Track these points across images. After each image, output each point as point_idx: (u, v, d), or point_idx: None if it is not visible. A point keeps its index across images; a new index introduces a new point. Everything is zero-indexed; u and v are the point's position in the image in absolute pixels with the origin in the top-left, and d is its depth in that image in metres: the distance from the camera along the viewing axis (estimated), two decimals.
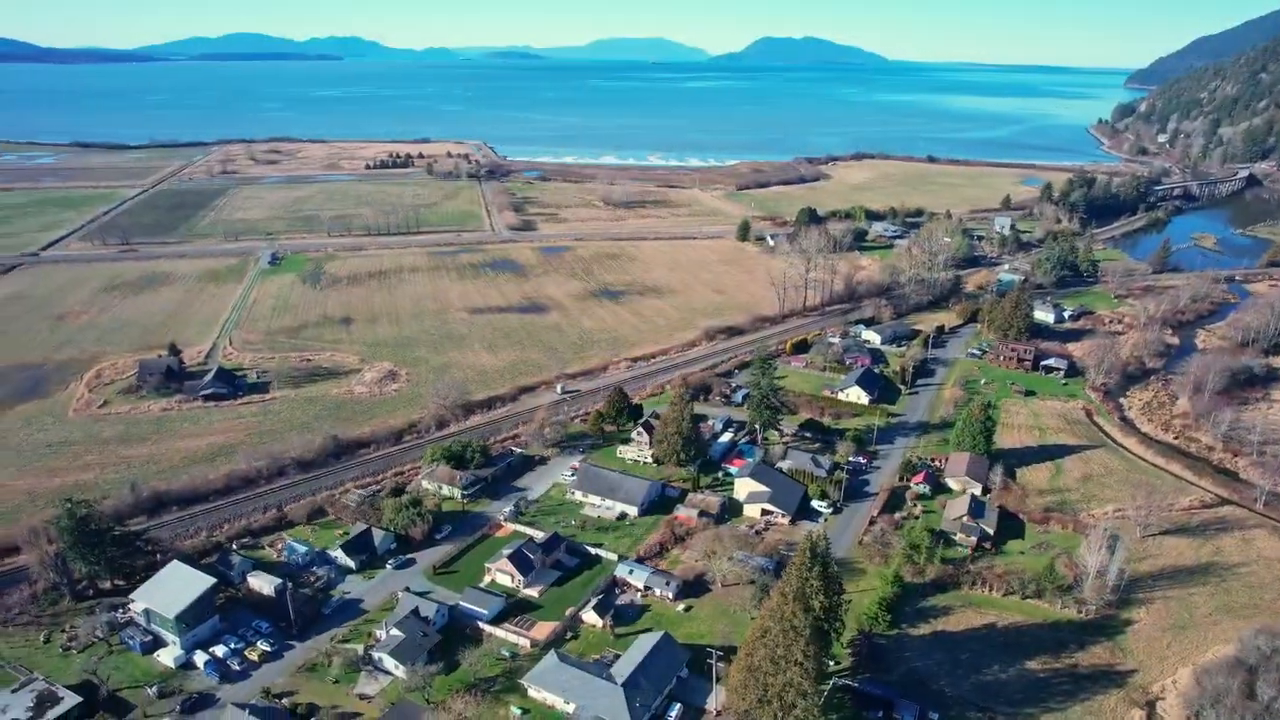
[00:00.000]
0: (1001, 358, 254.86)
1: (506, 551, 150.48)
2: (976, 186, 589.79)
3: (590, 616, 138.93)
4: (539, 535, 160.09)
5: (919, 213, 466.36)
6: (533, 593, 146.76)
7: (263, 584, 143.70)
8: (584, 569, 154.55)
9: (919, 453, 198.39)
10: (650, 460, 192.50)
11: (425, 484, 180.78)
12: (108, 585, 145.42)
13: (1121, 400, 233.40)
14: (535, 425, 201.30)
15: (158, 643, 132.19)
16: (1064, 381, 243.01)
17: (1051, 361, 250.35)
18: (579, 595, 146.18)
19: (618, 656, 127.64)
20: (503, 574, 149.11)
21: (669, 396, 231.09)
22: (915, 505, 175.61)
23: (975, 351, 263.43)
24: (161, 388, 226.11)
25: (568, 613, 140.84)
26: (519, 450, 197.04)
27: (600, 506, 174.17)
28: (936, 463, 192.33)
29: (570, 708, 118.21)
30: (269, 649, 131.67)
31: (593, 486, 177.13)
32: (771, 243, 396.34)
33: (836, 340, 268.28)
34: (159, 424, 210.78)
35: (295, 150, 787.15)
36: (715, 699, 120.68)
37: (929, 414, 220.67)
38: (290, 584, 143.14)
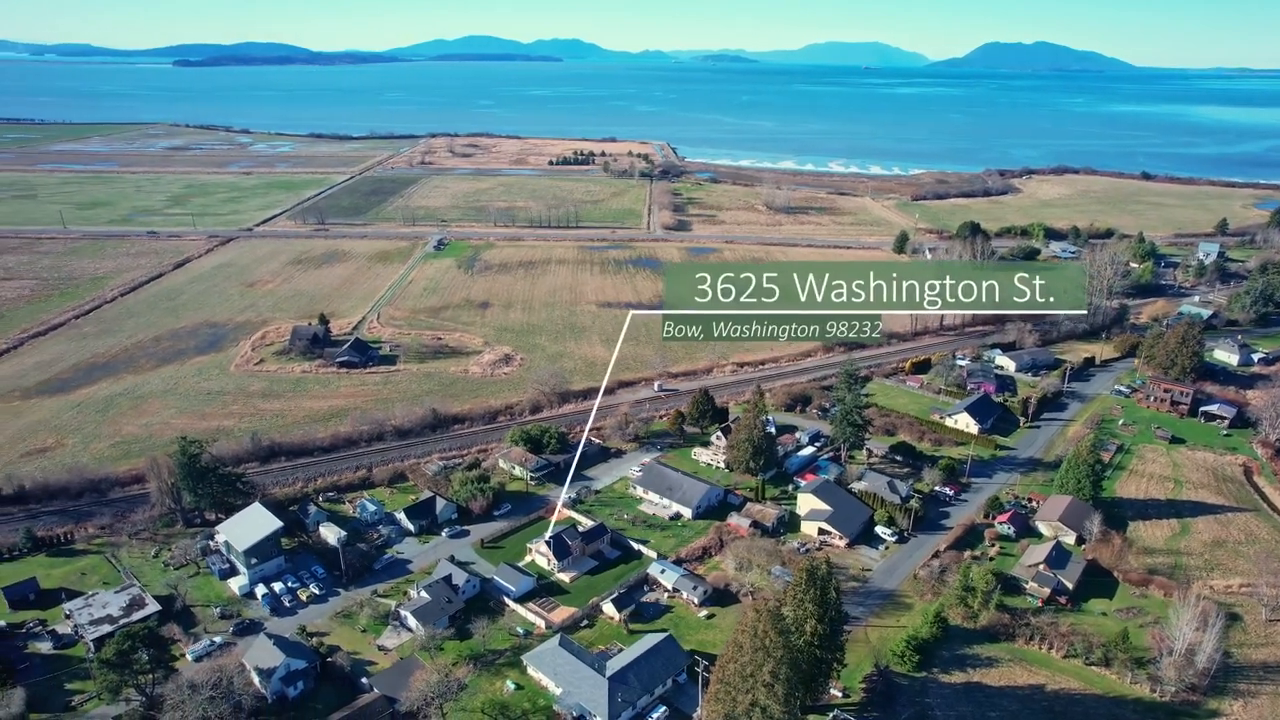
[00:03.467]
0: (1152, 398, 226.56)
1: (548, 535, 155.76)
2: (1192, 208, 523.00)
3: (608, 608, 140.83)
4: (587, 524, 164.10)
5: (1108, 233, 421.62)
6: (565, 577, 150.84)
7: (329, 534, 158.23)
8: (622, 562, 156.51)
9: (1017, 491, 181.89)
10: (722, 465, 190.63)
11: (501, 463, 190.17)
12: (212, 517, 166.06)
13: None
14: (617, 419, 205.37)
15: (233, 571, 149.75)
16: (1226, 432, 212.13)
17: (1215, 408, 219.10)
18: (608, 586, 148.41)
19: (621, 650, 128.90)
20: (540, 556, 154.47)
21: (763, 404, 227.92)
22: (992, 546, 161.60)
23: (1123, 389, 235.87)
24: (307, 352, 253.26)
25: (590, 602, 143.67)
26: (597, 441, 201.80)
27: (658, 505, 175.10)
28: (1033, 503, 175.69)
29: (558, 691, 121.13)
30: (318, 592, 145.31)
31: (654, 484, 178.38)
32: (929, 256, 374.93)
33: (965, 362, 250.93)
34: (296, 384, 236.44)
35: (491, 145, 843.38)
36: (702, 708, 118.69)
37: (1044, 451, 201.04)
38: (350, 538, 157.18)
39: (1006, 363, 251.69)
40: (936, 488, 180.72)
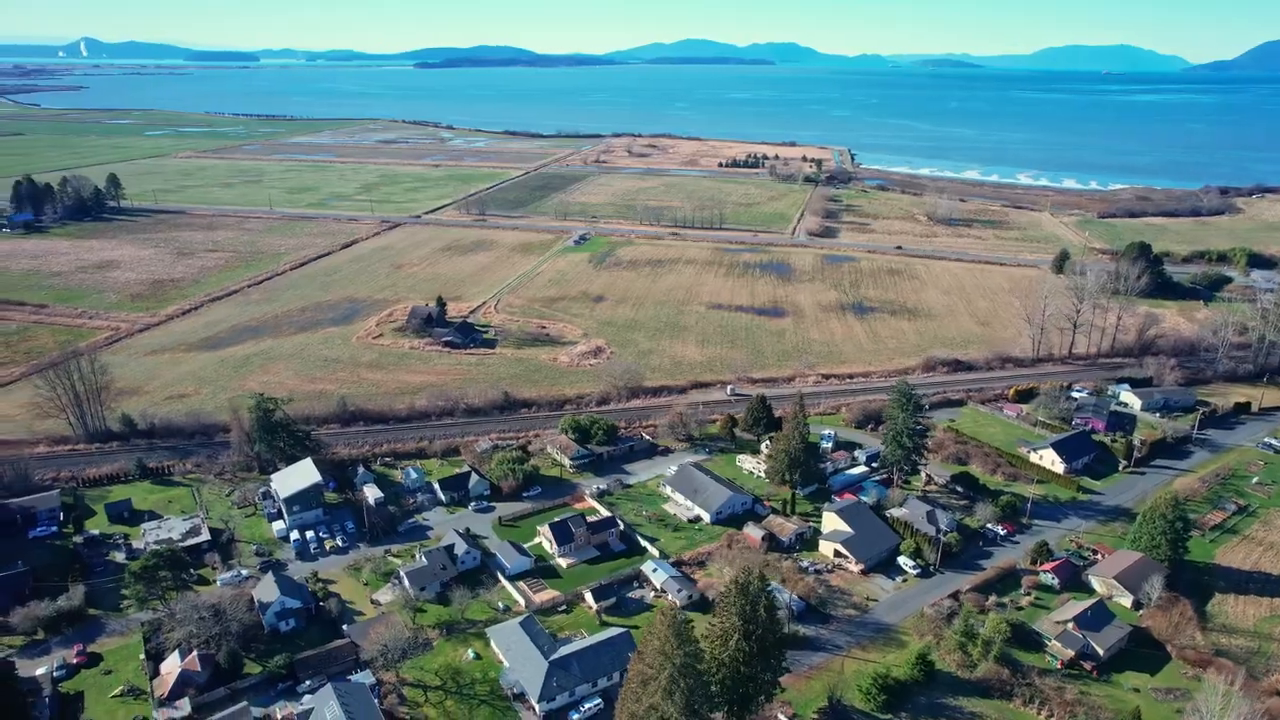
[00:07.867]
0: None
1: (555, 520, 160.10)
2: None
3: (588, 597, 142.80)
4: (603, 513, 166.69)
5: None
6: (563, 563, 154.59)
7: (369, 495, 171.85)
8: (624, 556, 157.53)
9: (1081, 540, 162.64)
10: (763, 475, 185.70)
11: (548, 448, 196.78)
12: (282, 466, 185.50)
13: None
14: (670, 418, 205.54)
15: (279, 516, 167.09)
16: None
17: None
18: (602, 576, 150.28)
19: (584, 638, 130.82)
20: (545, 540, 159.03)
21: (839, 419, 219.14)
22: (1027, 594, 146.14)
23: (1274, 442, 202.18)
24: (420, 330, 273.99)
25: (575, 590, 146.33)
26: (648, 438, 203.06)
27: (681, 506, 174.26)
28: (1098, 555, 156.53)
29: (506, 666, 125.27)
30: (341, 545, 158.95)
31: (682, 486, 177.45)
32: (1090, 278, 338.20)
33: (1081, 395, 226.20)
34: (401, 358, 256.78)
35: (670, 146, 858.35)
36: None
37: (1137, 502, 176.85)
38: (388, 500, 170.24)
39: (1131, 400, 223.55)
40: (987, 525, 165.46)
